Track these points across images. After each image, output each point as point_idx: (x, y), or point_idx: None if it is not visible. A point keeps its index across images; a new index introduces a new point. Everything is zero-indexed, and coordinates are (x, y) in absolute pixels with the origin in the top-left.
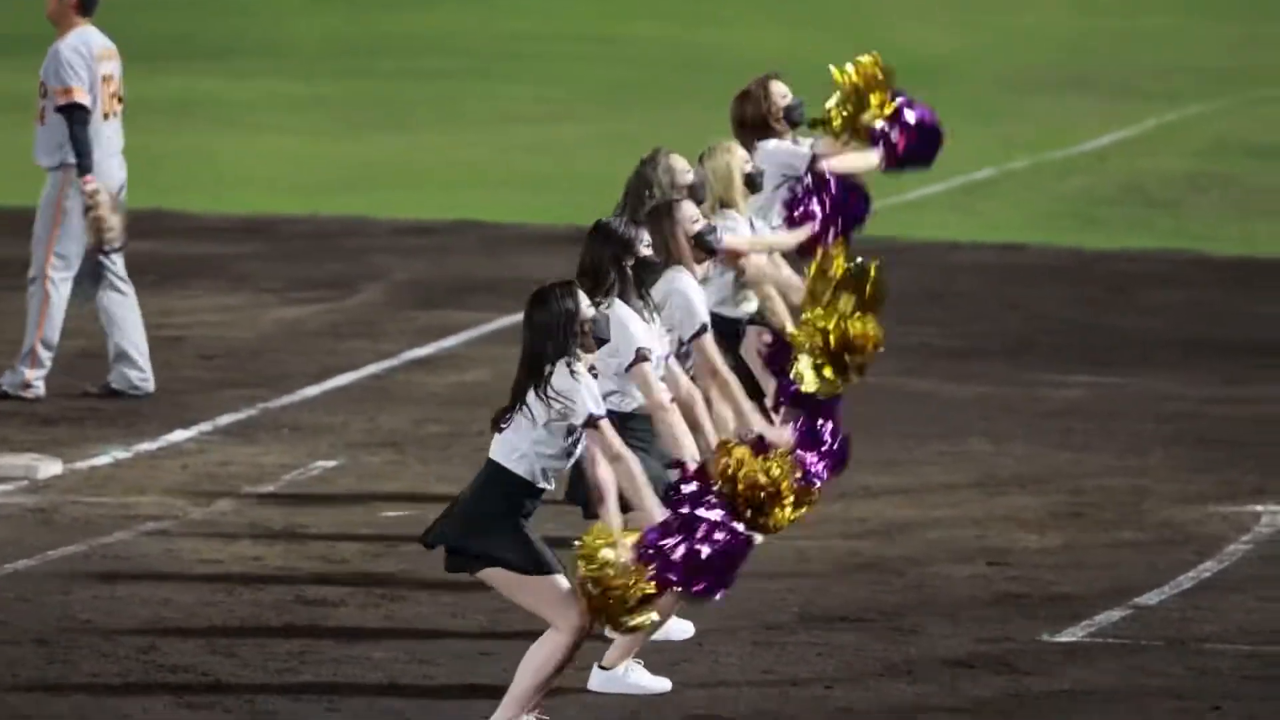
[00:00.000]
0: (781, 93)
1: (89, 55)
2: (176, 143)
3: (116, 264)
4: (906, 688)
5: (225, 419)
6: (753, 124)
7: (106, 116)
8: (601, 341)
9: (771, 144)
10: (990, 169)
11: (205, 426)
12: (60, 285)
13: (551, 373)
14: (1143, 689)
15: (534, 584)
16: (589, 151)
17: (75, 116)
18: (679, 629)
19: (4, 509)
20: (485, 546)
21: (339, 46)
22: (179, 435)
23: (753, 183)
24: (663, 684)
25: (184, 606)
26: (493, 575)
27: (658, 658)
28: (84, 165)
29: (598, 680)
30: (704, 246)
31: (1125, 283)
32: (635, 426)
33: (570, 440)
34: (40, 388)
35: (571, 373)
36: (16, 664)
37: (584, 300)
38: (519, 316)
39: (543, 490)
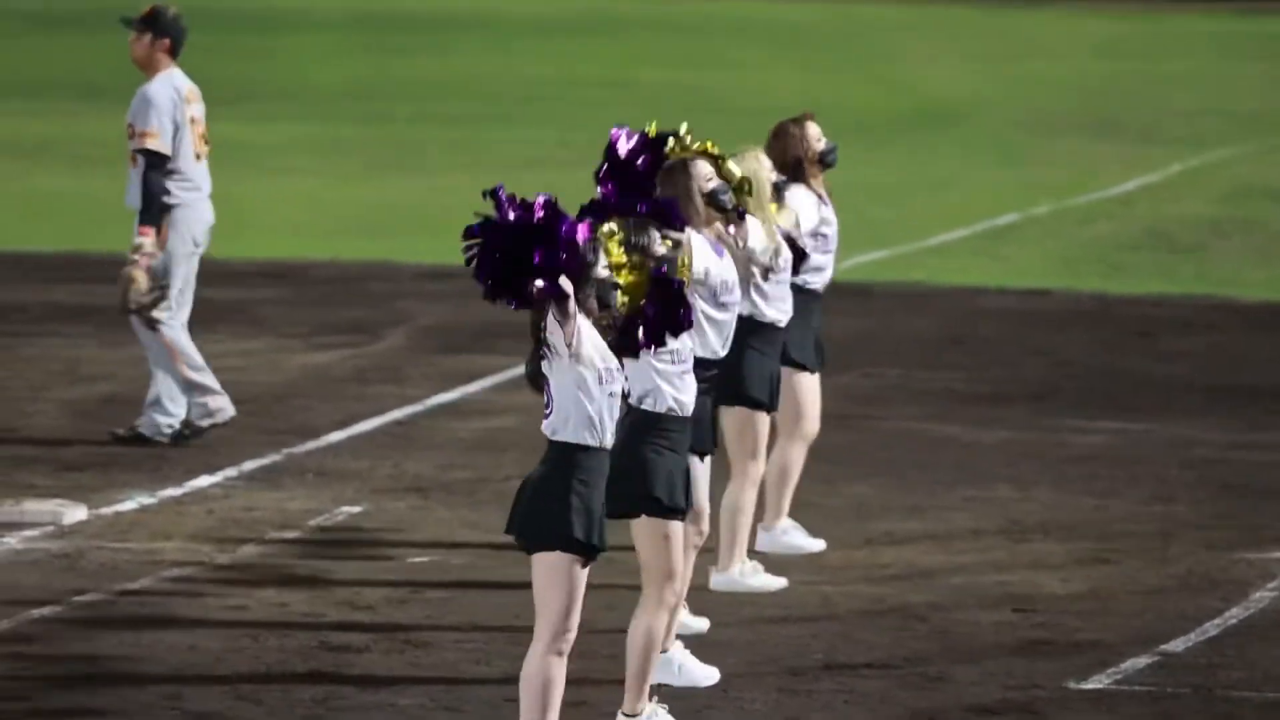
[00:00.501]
0: (816, 135)
1: (178, 98)
2: None
3: (184, 316)
4: None
5: (250, 464)
6: (785, 164)
7: (198, 158)
8: (604, 306)
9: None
10: (1014, 214)
11: (230, 472)
12: (171, 324)
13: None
14: None
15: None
16: None
17: (151, 161)
18: (705, 675)
19: (30, 554)
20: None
21: (359, 91)
22: (204, 480)
23: (779, 194)
24: None
25: (209, 652)
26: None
27: (683, 704)
28: (146, 216)
29: None
30: (716, 205)
31: (1149, 328)
32: (668, 427)
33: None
34: (227, 411)
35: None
36: (42, 712)
37: (602, 259)
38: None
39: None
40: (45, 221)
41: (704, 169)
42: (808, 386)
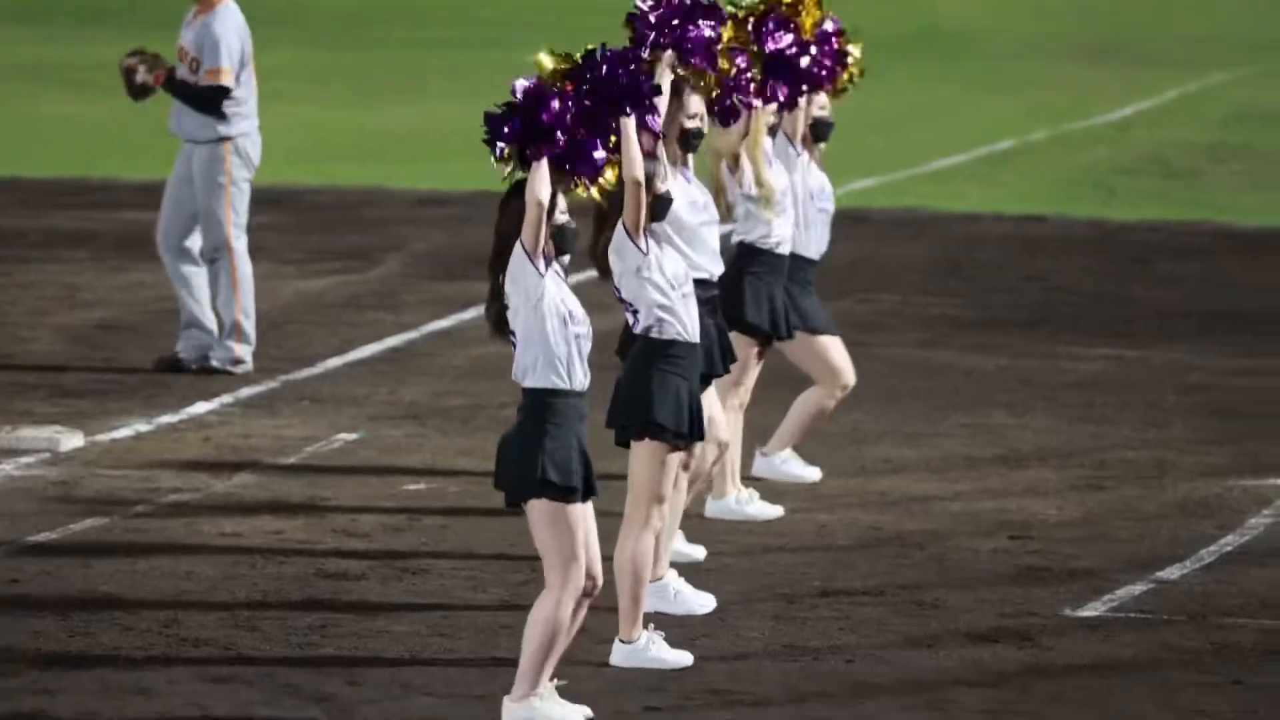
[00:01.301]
0: (821, 102)
1: (245, 33)
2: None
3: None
4: (928, 661)
5: (246, 391)
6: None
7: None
8: (562, 251)
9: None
10: (1010, 140)
11: (226, 399)
12: (244, 255)
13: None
14: (1164, 663)
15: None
16: None
17: (220, 98)
18: (700, 602)
19: (26, 481)
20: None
21: (357, 16)
22: (200, 408)
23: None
24: (684, 658)
25: (205, 580)
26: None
27: (679, 632)
28: (183, 92)
29: (619, 655)
30: (686, 146)
31: (1146, 254)
32: (676, 353)
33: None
34: (249, 362)
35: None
36: (38, 637)
37: (561, 203)
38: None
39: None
40: (44, 147)
41: (696, 104)
42: (837, 347)
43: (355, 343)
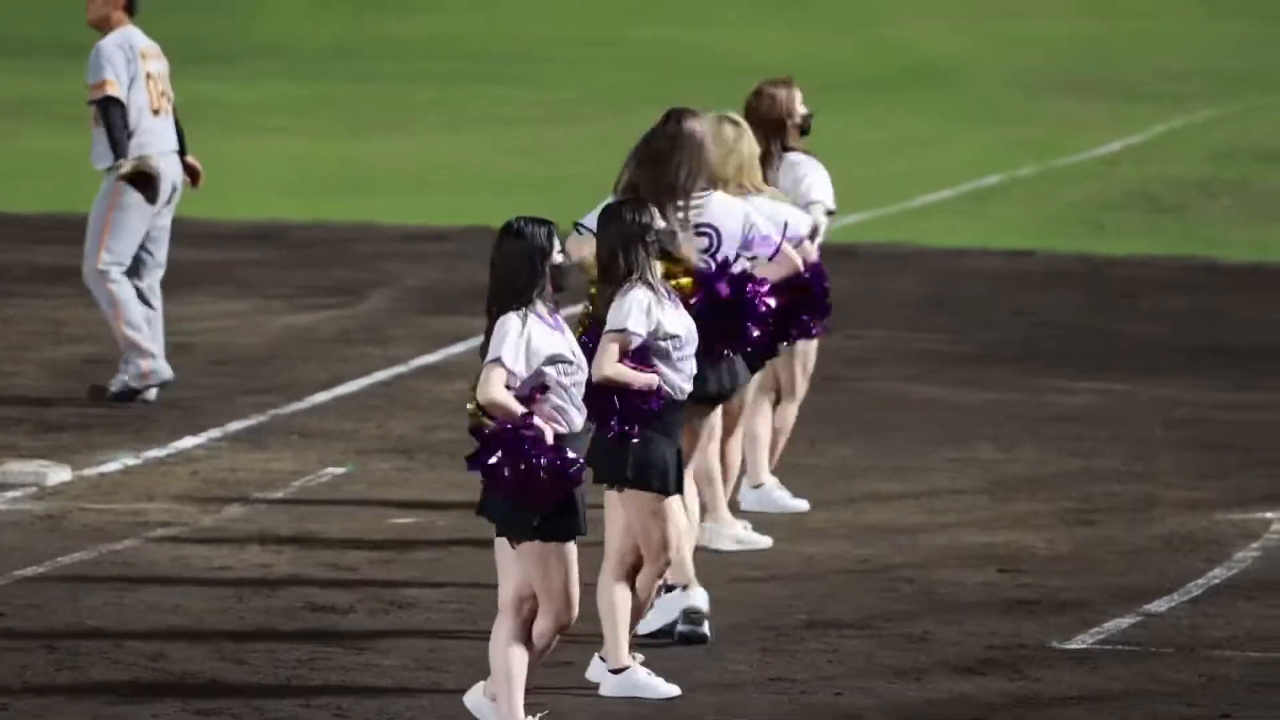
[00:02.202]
0: (799, 100)
1: (132, 52)
2: None
3: (152, 278)
4: (915, 694)
5: (235, 425)
6: (767, 125)
7: (156, 113)
8: (559, 289)
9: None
10: (998, 174)
11: (215, 433)
12: (120, 280)
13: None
14: (1152, 695)
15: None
16: (594, 154)
17: (109, 110)
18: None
19: (13, 515)
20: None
21: (344, 49)
22: (188, 441)
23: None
24: (672, 689)
25: (193, 613)
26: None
27: (667, 664)
28: (119, 151)
29: (609, 685)
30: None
31: (1134, 289)
32: (660, 412)
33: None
34: (166, 369)
35: (520, 316)
36: (25, 670)
37: (556, 241)
38: None
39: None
40: (27, 182)
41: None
42: (811, 352)
43: (344, 377)
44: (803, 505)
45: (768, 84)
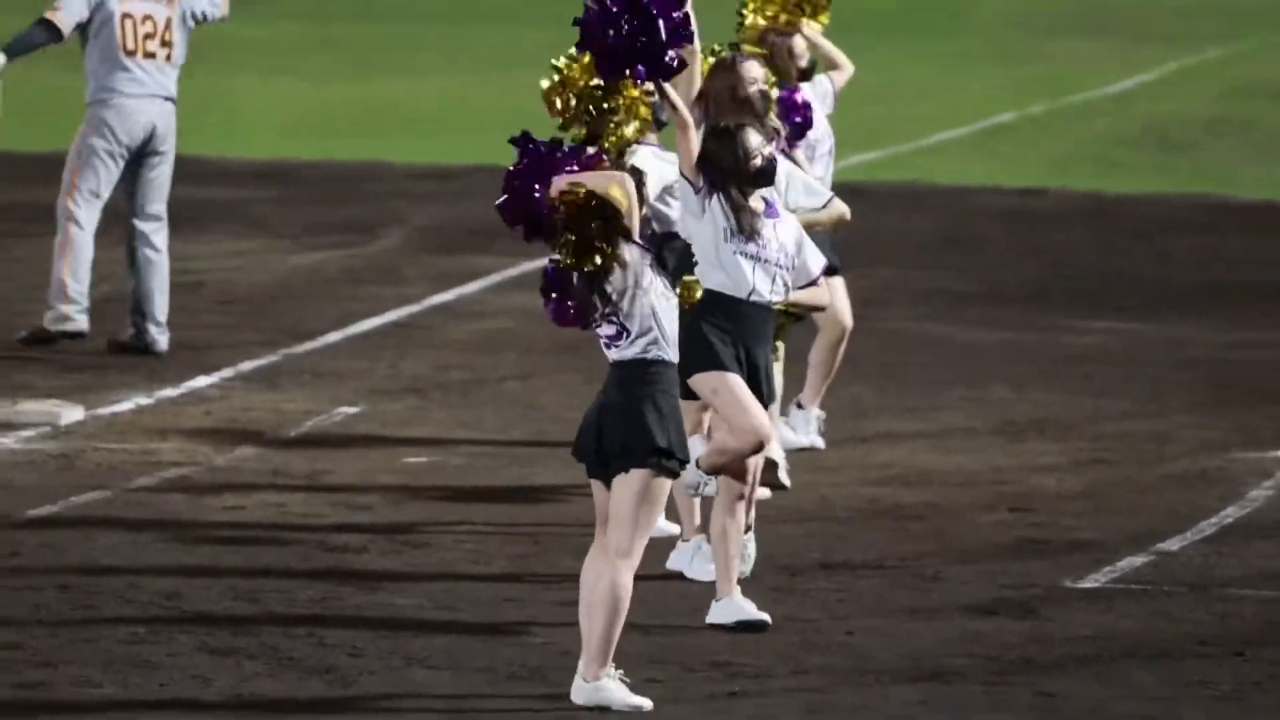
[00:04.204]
0: (801, 50)
1: None
2: (188, 87)
3: (149, 228)
4: (928, 634)
5: (247, 365)
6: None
7: (131, 54)
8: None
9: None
10: (1010, 112)
11: (227, 372)
12: (83, 223)
13: None
14: (1165, 634)
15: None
16: None
17: (41, 28)
18: (702, 570)
19: (27, 455)
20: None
21: None
22: (201, 381)
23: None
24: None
25: (207, 553)
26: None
27: (683, 603)
28: (11, 48)
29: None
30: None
31: (1145, 227)
32: (724, 309)
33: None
34: (81, 322)
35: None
36: (40, 609)
37: None
38: (541, 262)
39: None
40: (38, 120)
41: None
42: (838, 287)
43: (355, 316)
44: (817, 442)
45: (769, 32)
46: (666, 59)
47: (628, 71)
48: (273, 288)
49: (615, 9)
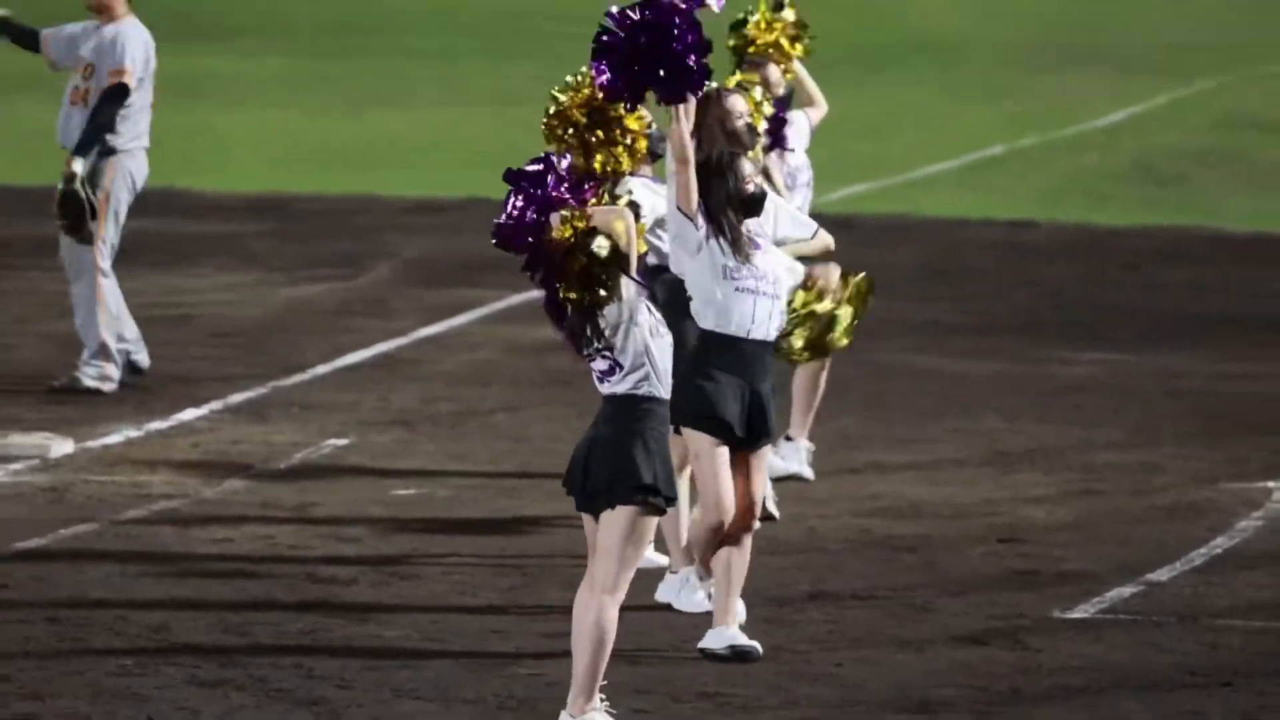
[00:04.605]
0: (776, 79)
1: (149, 46)
2: (182, 120)
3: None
4: (917, 664)
5: (236, 398)
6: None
7: (154, 108)
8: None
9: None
10: (1000, 145)
11: (216, 405)
12: (111, 277)
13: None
14: (1154, 665)
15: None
16: None
17: (118, 96)
18: (690, 602)
19: (16, 488)
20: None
21: (339, 25)
22: (190, 414)
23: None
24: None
25: (195, 585)
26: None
27: (670, 634)
28: (85, 149)
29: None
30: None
31: (1135, 259)
32: (726, 349)
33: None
34: (115, 382)
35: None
36: (29, 641)
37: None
38: (530, 295)
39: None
40: (29, 154)
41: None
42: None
43: (345, 349)
44: (805, 471)
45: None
46: (691, 71)
47: (640, 92)
48: (263, 320)
49: (638, 19)
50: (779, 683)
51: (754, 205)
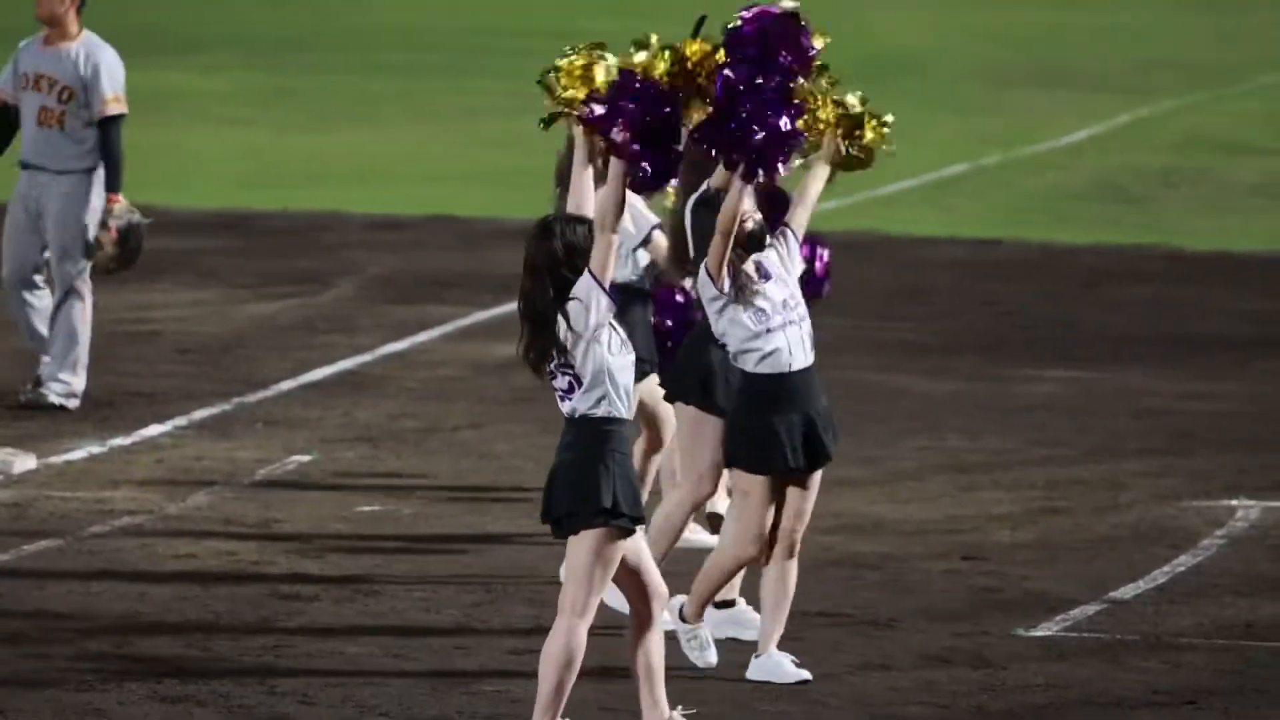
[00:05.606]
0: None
1: (120, 63)
2: (145, 136)
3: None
4: (881, 682)
5: (200, 414)
6: None
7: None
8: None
9: None
10: (963, 164)
11: (180, 421)
12: (89, 296)
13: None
14: (1118, 683)
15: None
16: (556, 145)
17: (117, 125)
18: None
19: None
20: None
21: (303, 41)
22: (154, 430)
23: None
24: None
25: (158, 601)
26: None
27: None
28: (116, 180)
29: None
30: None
31: (1097, 278)
32: (776, 389)
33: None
34: (79, 396)
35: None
36: None
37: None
38: (494, 312)
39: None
40: None
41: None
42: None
43: (309, 365)
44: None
45: None
46: (777, 154)
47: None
48: (227, 337)
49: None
50: (743, 700)
51: (754, 242)
